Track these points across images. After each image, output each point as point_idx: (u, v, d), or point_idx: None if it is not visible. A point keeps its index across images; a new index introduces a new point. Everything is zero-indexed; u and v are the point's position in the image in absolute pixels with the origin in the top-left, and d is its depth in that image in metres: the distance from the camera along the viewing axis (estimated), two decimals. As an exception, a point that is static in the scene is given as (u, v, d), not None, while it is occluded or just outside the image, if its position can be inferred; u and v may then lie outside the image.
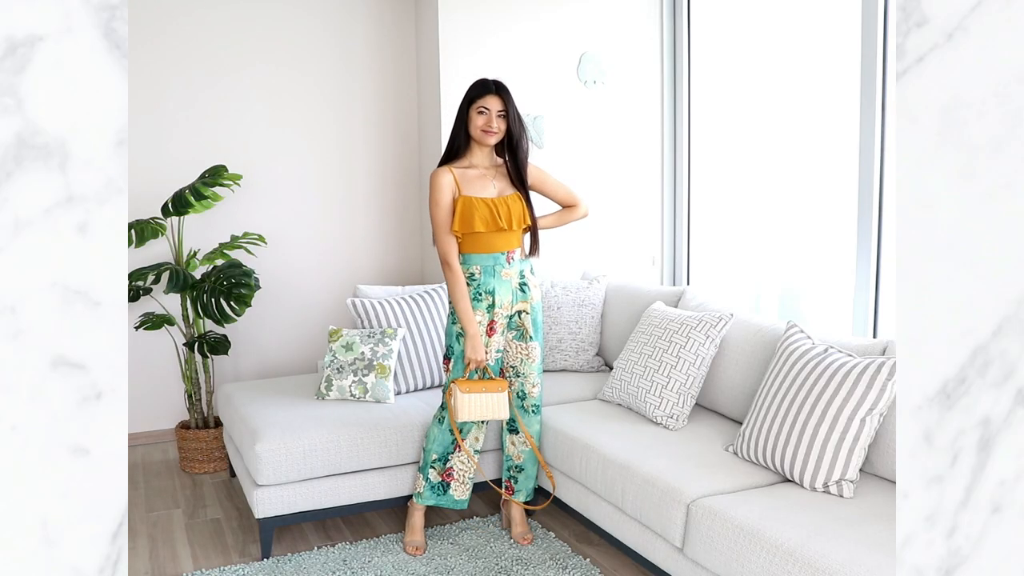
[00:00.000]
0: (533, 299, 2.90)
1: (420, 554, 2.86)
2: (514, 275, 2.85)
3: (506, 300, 2.83)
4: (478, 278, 2.81)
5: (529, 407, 2.95)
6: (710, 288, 4.02)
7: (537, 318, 2.92)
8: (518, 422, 2.96)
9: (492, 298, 2.81)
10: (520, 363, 2.91)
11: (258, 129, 4.20)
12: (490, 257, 2.80)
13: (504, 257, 2.82)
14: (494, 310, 2.82)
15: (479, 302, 2.81)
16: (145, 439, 4.17)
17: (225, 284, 3.54)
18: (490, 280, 2.81)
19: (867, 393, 2.25)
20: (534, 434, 2.97)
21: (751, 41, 3.94)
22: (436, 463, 2.92)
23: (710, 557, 2.19)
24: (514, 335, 2.90)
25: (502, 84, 2.78)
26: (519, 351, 2.91)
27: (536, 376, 2.93)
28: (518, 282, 2.86)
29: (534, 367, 2.91)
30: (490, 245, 2.80)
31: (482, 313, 2.81)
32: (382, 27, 4.38)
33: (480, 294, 2.81)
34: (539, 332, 2.93)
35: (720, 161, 4.19)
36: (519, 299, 2.87)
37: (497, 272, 2.81)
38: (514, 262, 2.85)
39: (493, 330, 2.84)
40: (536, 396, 2.95)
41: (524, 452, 2.99)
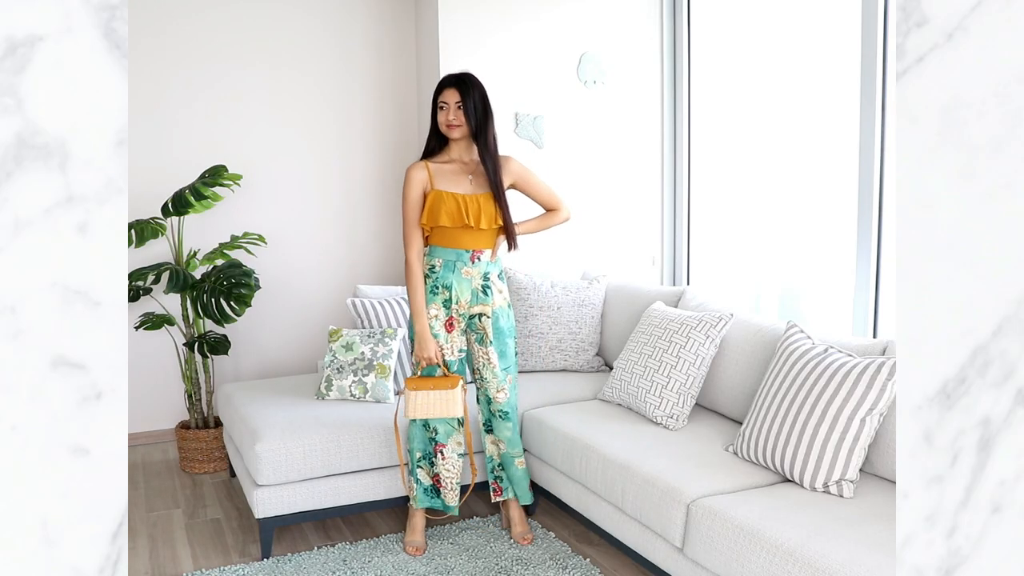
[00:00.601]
0: (495, 304, 2.85)
1: (420, 554, 2.86)
2: (476, 275, 2.81)
3: (464, 298, 2.81)
4: (438, 271, 2.79)
5: (496, 412, 2.92)
6: (710, 288, 4.02)
7: (499, 324, 2.86)
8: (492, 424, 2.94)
9: (449, 293, 2.79)
10: (482, 367, 2.88)
11: (258, 129, 4.20)
12: (453, 252, 2.79)
13: (468, 255, 2.79)
14: (451, 306, 2.80)
15: (436, 295, 2.79)
16: (145, 439, 4.17)
17: (225, 284, 3.54)
18: (448, 275, 2.79)
19: (867, 393, 2.25)
20: (505, 440, 2.93)
21: (751, 41, 3.94)
22: (422, 462, 2.91)
23: (710, 557, 2.19)
24: (475, 337, 2.88)
25: (464, 76, 2.76)
26: (480, 355, 2.88)
27: (499, 382, 2.87)
28: (480, 283, 2.82)
29: (495, 372, 2.86)
30: (455, 241, 2.78)
31: (438, 307, 2.79)
32: (382, 27, 4.38)
33: (437, 287, 2.79)
34: (502, 338, 2.87)
35: (720, 161, 4.19)
36: (480, 301, 2.83)
37: (458, 268, 2.79)
38: (479, 263, 2.81)
39: (452, 327, 2.82)
40: (503, 402, 2.89)
41: (501, 453, 2.97)
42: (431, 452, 2.90)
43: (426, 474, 2.92)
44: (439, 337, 2.81)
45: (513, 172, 2.89)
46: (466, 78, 2.75)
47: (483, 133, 2.76)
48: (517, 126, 4.17)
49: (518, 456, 2.96)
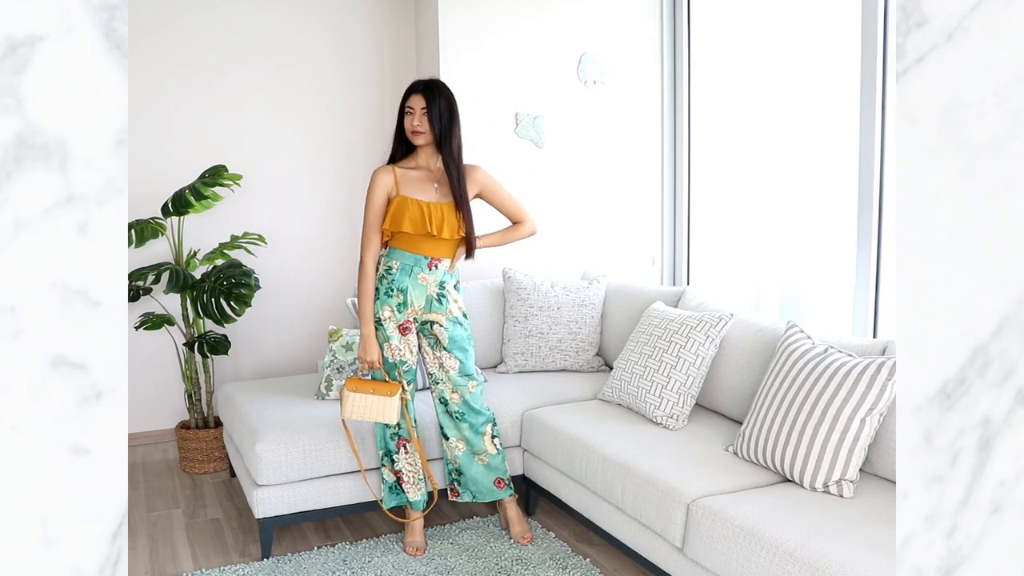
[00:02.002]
0: (451, 312, 2.84)
1: (420, 555, 2.86)
2: (432, 282, 2.81)
3: (418, 303, 2.80)
4: (394, 273, 2.78)
5: (452, 412, 2.90)
6: (710, 288, 4.02)
7: (454, 332, 2.85)
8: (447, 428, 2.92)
9: (404, 297, 2.78)
10: (437, 369, 2.88)
11: (258, 129, 4.20)
12: (411, 257, 2.78)
13: (427, 261, 2.79)
14: (405, 309, 2.80)
15: (390, 298, 2.78)
16: (145, 439, 4.17)
17: (225, 284, 3.54)
18: (404, 279, 2.78)
19: (867, 393, 2.25)
20: (465, 439, 2.92)
21: (751, 41, 3.94)
22: (384, 460, 2.91)
23: (710, 557, 2.19)
24: (428, 342, 2.88)
25: (432, 82, 2.75)
26: (434, 359, 2.88)
27: (451, 383, 2.86)
28: (436, 291, 2.82)
29: (450, 376, 2.86)
30: (416, 247, 2.77)
31: (392, 310, 2.79)
32: (382, 27, 4.38)
33: (392, 290, 2.78)
34: (458, 346, 2.86)
35: (720, 161, 4.19)
36: (434, 308, 2.82)
37: (414, 273, 2.78)
38: (436, 270, 2.80)
39: (407, 330, 2.82)
40: (458, 402, 2.87)
41: (458, 456, 2.95)
42: (392, 449, 2.89)
43: (389, 471, 2.91)
44: (392, 339, 2.80)
45: (479, 182, 2.87)
46: (433, 85, 2.75)
47: (447, 141, 2.74)
48: (517, 126, 4.17)
49: (479, 453, 2.93)
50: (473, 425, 2.90)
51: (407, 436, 2.87)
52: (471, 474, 2.95)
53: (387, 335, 2.79)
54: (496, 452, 2.95)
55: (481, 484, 2.96)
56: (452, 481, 3.00)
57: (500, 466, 2.97)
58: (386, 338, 2.79)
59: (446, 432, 2.93)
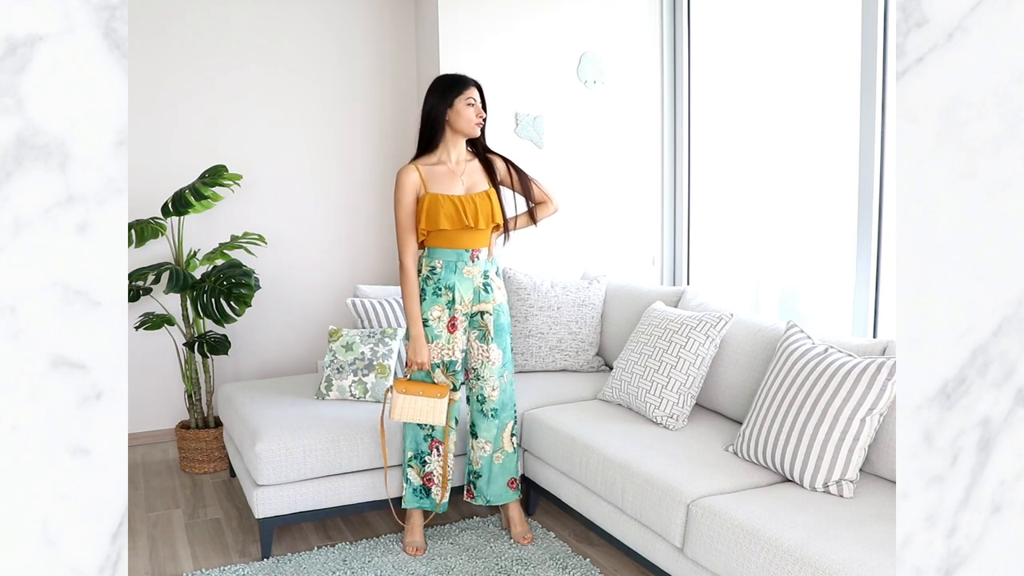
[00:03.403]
0: (496, 300, 2.86)
1: (420, 554, 2.86)
2: (477, 274, 2.82)
3: (467, 297, 2.81)
4: (439, 272, 2.79)
5: (488, 411, 2.91)
6: (710, 288, 4.02)
7: (500, 320, 2.88)
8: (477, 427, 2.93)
9: (452, 294, 2.79)
10: (480, 365, 2.88)
11: (258, 129, 4.20)
12: (453, 253, 2.79)
13: (468, 255, 2.80)
14: (454, 306, 2.80)
15: (439, 297, 2.79)
16: (145, 439, 4.17)
17: (225, 284, 3.54)
18: (451, 276, 2.79)
19: (867, 393, 2.25)
20: (491, 440, 2.93)
21: (751, 41, 3.94)
22: (412, 461, 2.91)
23: (710, 557, 2.19)
24: (476, 335, 2.88)
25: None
26: (479, 353, 2.88)
27: (495, 380, 2.88)
28: (482, 281, 2.83)
29: (493, 370, 2.87)
30: (455, 242, 2.78)
31: (442, 308, 2.80)
32: (382, 27, 4.38)
33: (440, 289, 2.79)
34: (502, 335, 2.89)
35: (720, 161, 4.19)
36: (482, 299, 2.84)
37: (459, 269, 2.79)
38: (479, 261, 2.82)
39: (455, 327, 2.82)
40: (496, 401, 2.89)
41: (482, 458, 2.95)
42: (424, 451, 2.89)
43: (416, 474, 2.91)
44: (440, 339, 2.81)
45: (500, 170, 2.92)
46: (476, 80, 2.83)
47: (483, 133, 2.86)
48: (517, 126, 4.17)
49: (498, 451, 2.95)
50: (503, 421, 2.93)
51: (441, 438, 2.88)
52: (489, 477, 2.96)
53: (435, 334, 2.80)
54: (512, 451, 2.97)
55: (496, 487, 2.97)
56: (470, 483, 3.00)
57: (513, 466, 2.99)
58: (433, 337, 2.80)
59: (476, 431, 2.94)
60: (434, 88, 2.79)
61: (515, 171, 2.91)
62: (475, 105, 2.76)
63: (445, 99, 2.76)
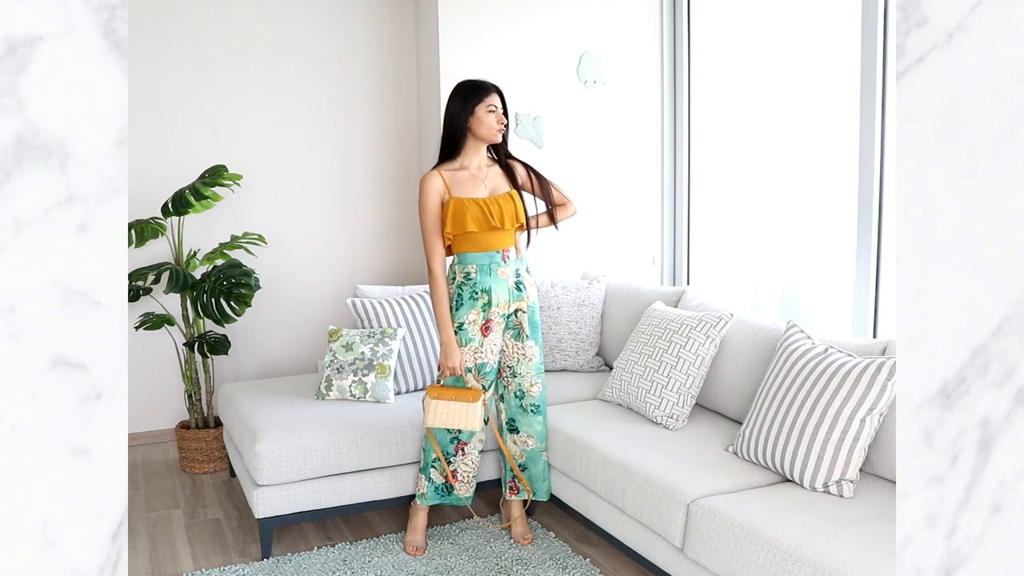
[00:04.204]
0: (529, 297, 2.89)
1: (420, 554, 2.86)
2: (510, 274, 2.84)
3: (503, 299, 2.83)
4: (474, 277, 2.80)
5: (528, 406, 2.94)
6: (710, 288, 4.02)
7: (534, 317, 2.91)
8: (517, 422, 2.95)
9: (488, 297, 2.80)
10: (516, 363, 2.90)
11: (258, 129, 4.20)
12: (486, 256, 2.80)
13: (499, 255, 2.82)
14: (490, 309, 2.81)
15: (475, 301, 2.80)
16: (145, 439, 4.17)
17: (225, 284, 3.54)
18: (486, 279, 2.80)
19: (867, 393, 2.25)
20: (535, 434, 2.96)
21: (751, 41, 3.94)
22: (436, 463, 2.91)
23: (710, 557, 2.19)
24: (511, 334, 2.90)
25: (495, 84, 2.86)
26: (515, 350, 2.90)
27: (534, 375, 2.92)
28: (514, 280, 2.86)
29: (531, 366, 2.90)
30: (485, 244, 2.80)
31: (477, 312, 2.80)
32: (382, 27, 4.38)
33: (476, 293, 2.80)
34: (536, 331, 2.92)
35: (720, 161, 4.19)
36: (516, 297, 2.86)
37: (494, 271, 2.81)
38: (510, 261, 2.84)
39: (489, 329, 2.82)
40: (536, 395, 2.93)
41: (526, 451, 2.98)
42: (451, 452, 2.91)
43: (439, 473, 2.92)
44: (473, 342, 2.81)
45: (520, 171, 2.94)
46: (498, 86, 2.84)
47: (506, 140, 2.88)
48: (517, 126, 4.17)
49: (544, 449, 2.99)
50: (545, 419, 2.97)
51: (467, 440, 2.89)
52: (535, 471, 2.99)
53: (468, 338, 2.81)
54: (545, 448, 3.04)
55: (540, 481, 3.00)
56: (513, 478, 3.00)
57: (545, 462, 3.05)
58: (467, 341, 2.81)
59: (517, 426, 2.96)
60: (455, 94, 2.80)
61: (535, 176, 2.94)
62: (496, 111, 2.77)
63: (466, 106, 2.77)
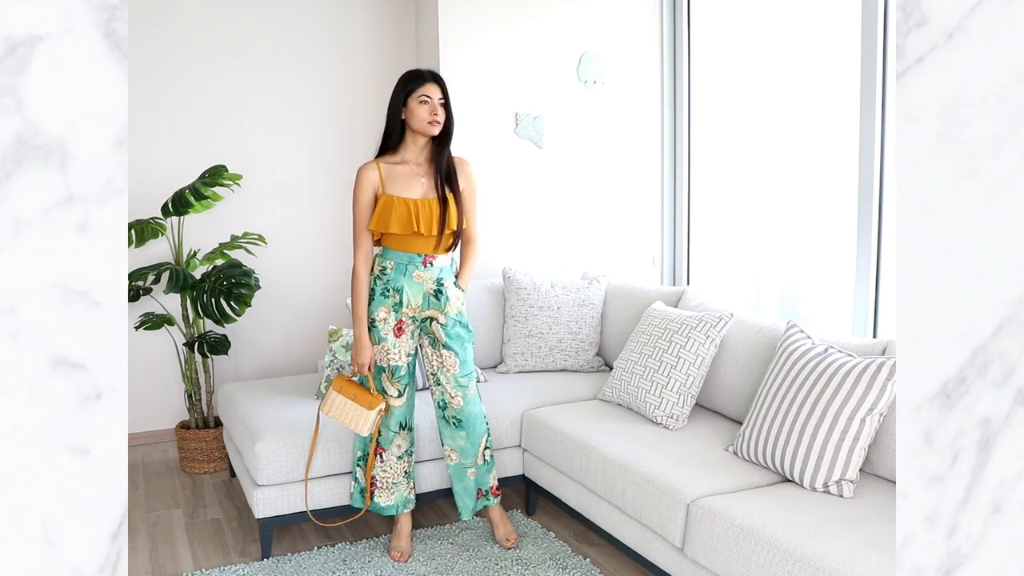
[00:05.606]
0: (451, 310, 2.76)
1: (405, 560, 2.81)
2: (428, 279, 2.73)
3: (415, 302, 2.74)
4: (389, 274, 2.73)
5: (451, 419, 2.82)
6: (710, 288, 4.02)
7: (452, 331, 2.76)
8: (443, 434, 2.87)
9: (400, 296, 2.72)
10: (437, 370, 2.80)
11: (258, 129, 4.20)
12: (405, 256, 2.72)
13: (420, 259, 2.72)
14: (401, 309, 2.73)
15: (386, 298, 2.73)
16: (145, 439, 4.17)
17: (225, 284, 3.54)
18: (400, 278, 2.72)
19: (867, 393, 2.25)
20: (459, 449, 2.85)
21: (751, 41, 3.94)
22: (360, 462, 2.86)
23: (710, 557, 2.19)
24: (428, 340, 2.81)
25: (437, 74, 2.71)
26: (433, 357, 2.81)
27: (455, 386, 2.78)
28: (433, 288, 2.74)
29: (450, 377, 2.77)
30: (407, 244, 2.71)
31: (388, 310, 2.73)
32: (382, 26, 4.38)
33: (388, 290, 2.73)
34: (457, 342, 2.78)
35: (720, 161, 4.19)
36: (432, 305, 2.75)
37: (409, 272, 2.72)
38: (431, 267, 2.74)
39: (401, 331, 2.75)
40: (458, 409, 2.80)
41: (449, 466, 2.89)
42: (367, 453, 2.84)
43: (363, 474, 2.86)
44: (386, 341, 2.74)
45: (468, 176, 2.81)
46: (440, 76, 2.71)
47: (450, 135, 2.73)
48: (517, 126, 4.17)
49: (470, 467, 2.88)
50: (470, 435, 2.84)
51: (385, 446, 2.83)
52: (458, 488, 2.91)
53: (380, 336, 2.74)
54: (484, 463, 2.90)
55: (463, 500, 2.92)
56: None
57: (484, 478, 2.92)
58: (379, 340, 2.75)
59: (443, 439, 2.89)
60: (397, 83, 2.70)
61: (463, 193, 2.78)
62: (430, 103, 2.63)
63: (400, 96, 2.67)
